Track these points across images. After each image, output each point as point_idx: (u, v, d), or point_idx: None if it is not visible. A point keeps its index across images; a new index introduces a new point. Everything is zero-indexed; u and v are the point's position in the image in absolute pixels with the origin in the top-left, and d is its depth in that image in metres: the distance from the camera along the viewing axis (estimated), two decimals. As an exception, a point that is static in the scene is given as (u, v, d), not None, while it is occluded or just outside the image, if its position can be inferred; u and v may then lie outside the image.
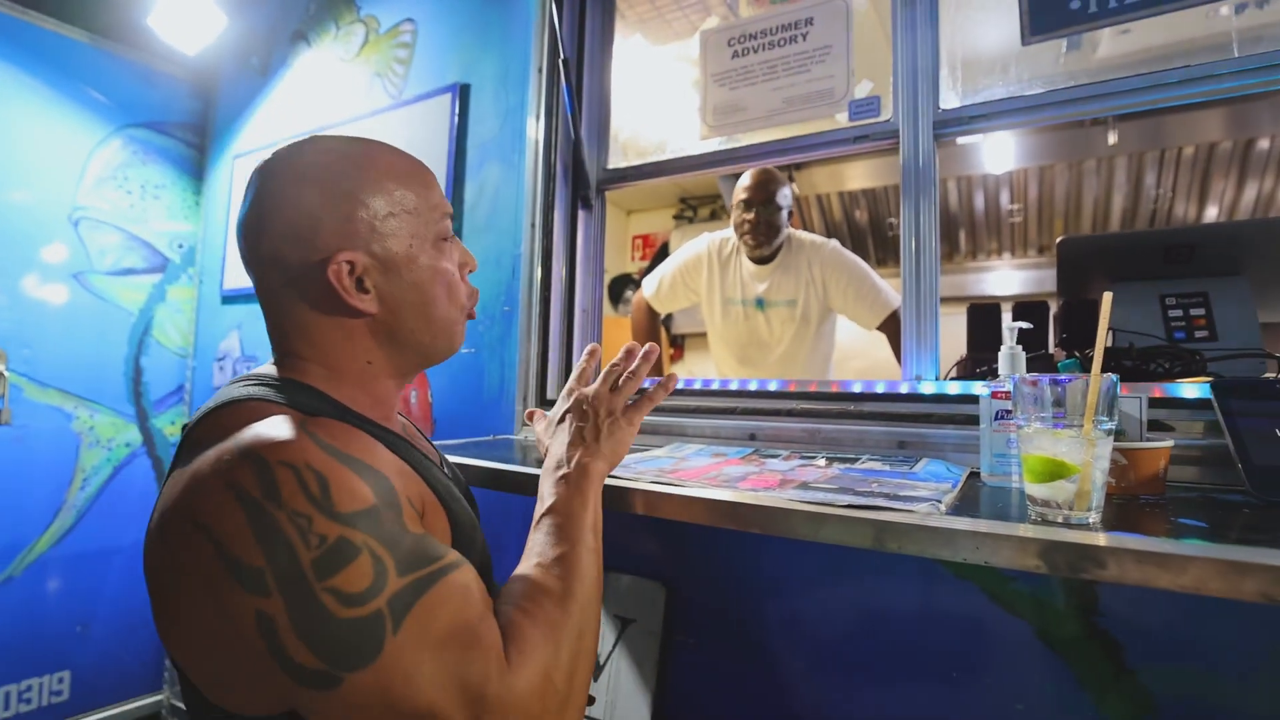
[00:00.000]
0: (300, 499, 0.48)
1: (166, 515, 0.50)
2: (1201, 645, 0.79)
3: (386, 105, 1.76)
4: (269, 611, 0.45)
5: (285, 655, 0.45)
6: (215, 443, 0.52)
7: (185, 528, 0.48)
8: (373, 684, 0.46)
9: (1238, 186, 1.98)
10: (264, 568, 0.45)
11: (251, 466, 0.48)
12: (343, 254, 0.61)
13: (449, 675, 0.48)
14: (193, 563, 0.47)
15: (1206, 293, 1.03)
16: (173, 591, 0.49)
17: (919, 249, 1.10)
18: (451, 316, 0.69)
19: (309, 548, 0.46)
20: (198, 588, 0.47)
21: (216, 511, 0.47)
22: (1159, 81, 0.95)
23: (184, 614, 0.49)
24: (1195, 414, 0.88)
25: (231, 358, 2.08)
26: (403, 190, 0.66)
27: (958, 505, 0.76)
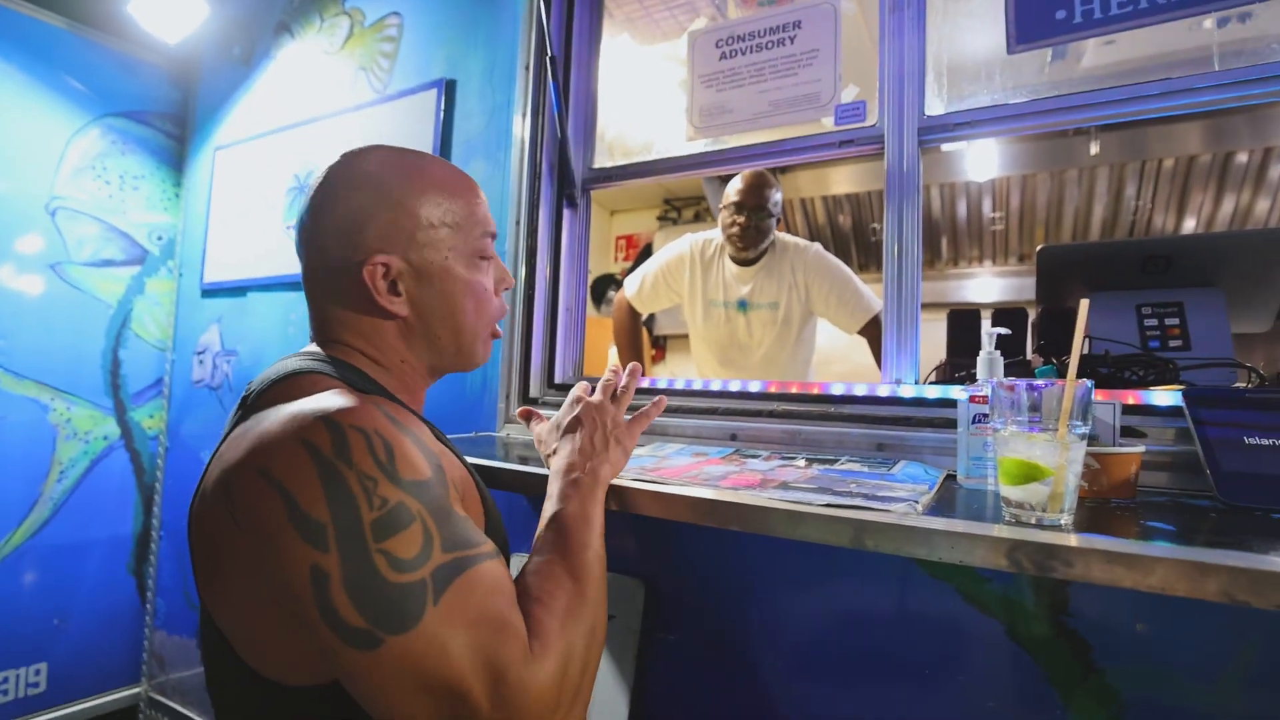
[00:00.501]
0: (369, 461, 0.50)
1: (230, 469, 0.51)
2: (1168, 645, 0.81)
3: (371, 100, 1.74)
4: (325, 566, 0.47)
5: (333, 611, 0.46)
6: (282, 406, 0.54)
7: (254, 480, 0.50)
8: (410, 650, 0.47)
9: (1215, 199, 2.02)
10: (327, 523, 0.47)
11: (326, 427, 0.51)
12: (380, 256, 0.66)
13: (479, 653, 0.49)
14: (258, 514, 0.49)
15: (1182, 303, 1.05)
16: (227, 546, 0.51)
17: (901, 254, 1.11)
18: (477, 331, 0.73)
19: (371, 508, 0.48)
20: (258, 541, 0.49)
21: (288, 466, 0.49)
22: (1140, 93, 0.97)
23: (237, 567, 0.51)
24: (1167, 421, 0.90)
25: (211, 351, 2.05)
26: (449, 203, 0.70)
27: (934, 506, 0.77)
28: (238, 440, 0.54)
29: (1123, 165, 2.03)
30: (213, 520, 0.52)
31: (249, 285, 1.96)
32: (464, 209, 0.71)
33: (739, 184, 1.73)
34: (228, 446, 0.55)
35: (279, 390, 0.59)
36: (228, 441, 0.56)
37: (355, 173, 0.68)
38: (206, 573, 0.54)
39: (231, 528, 0.51)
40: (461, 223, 0.71)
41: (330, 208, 0.67)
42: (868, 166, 2.27)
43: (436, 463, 0.57)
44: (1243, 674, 0.77)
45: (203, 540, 0.54)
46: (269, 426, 0.52)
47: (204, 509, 0.54)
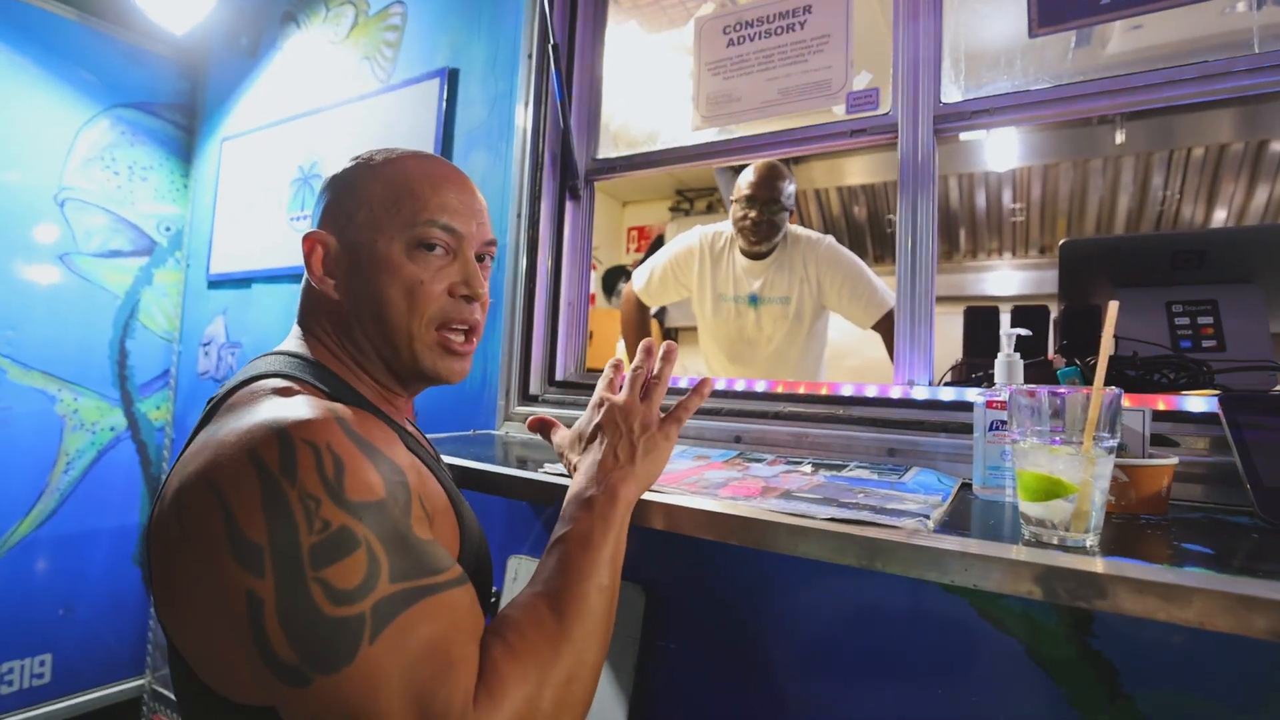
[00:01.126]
0: (314, 480, 0.47)
1: (185, 477, 0.49)
2: (1204, 673, 0.75)
3: (375, 89, 1.71)
4: (260, 593, 0.44)
5: (266, 643, 0.44)
6: (244, 412, 0.52)
7: (200, 491, 0.47)
8: (339, 692, 0.44)
9: (1248, 190, 1.93)
10: (264, 546, 0.44)
11: (277, 440, 0.48)
12: (320, 232, 0.66)
13: (413, 699, 0.44)
14: (201, 528, 0.46)
15: (1216, 300, 0.98)
16: (176, 557, 0.48)
17: (915, 248, 1.05)
18: (411, 329, 0.66)
19: (311, 531, 0.45)
20: (201, 556, 0.46)
21: (233, 480, 0.47)
22: (1173, 78, 0.90)
23: (183, 582, 0.47)
24: (1201, 429, 0.84)
25: (217, 343, 2.04)
26: (402, 186, 0.66)
27: (946, 520, 0.72)
28: (198, 447, 0.51)
29: (1149, 154, 1.94)
30: (165, 531, 0.50)
31: (254, 277, 1.95)
32: (418, 192, 0.66)
33: (750, 176, 1.68)
34: (188, 452, 0.52)
35: (245, 394, 0.56)
36: (189, 449, 0.53)
37: (350, 169, 0.69)
38: (160, 585, 0.51)
39: (180, 539, 0.48)
40: (406, 205, 0.65)
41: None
42: (883, 157, 2.20)
43: (398, 479, 0.53)
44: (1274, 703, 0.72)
45: (156, 549, 0.51)
46: (224, 436, 0.50)
47: (159, 519, 0.51)
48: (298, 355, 0.66)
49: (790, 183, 1.68)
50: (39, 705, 1.89)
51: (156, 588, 0.51)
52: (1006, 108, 1.00)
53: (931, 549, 0.62)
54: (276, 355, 0.66)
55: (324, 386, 0.61)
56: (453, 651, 0.47)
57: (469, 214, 0.68)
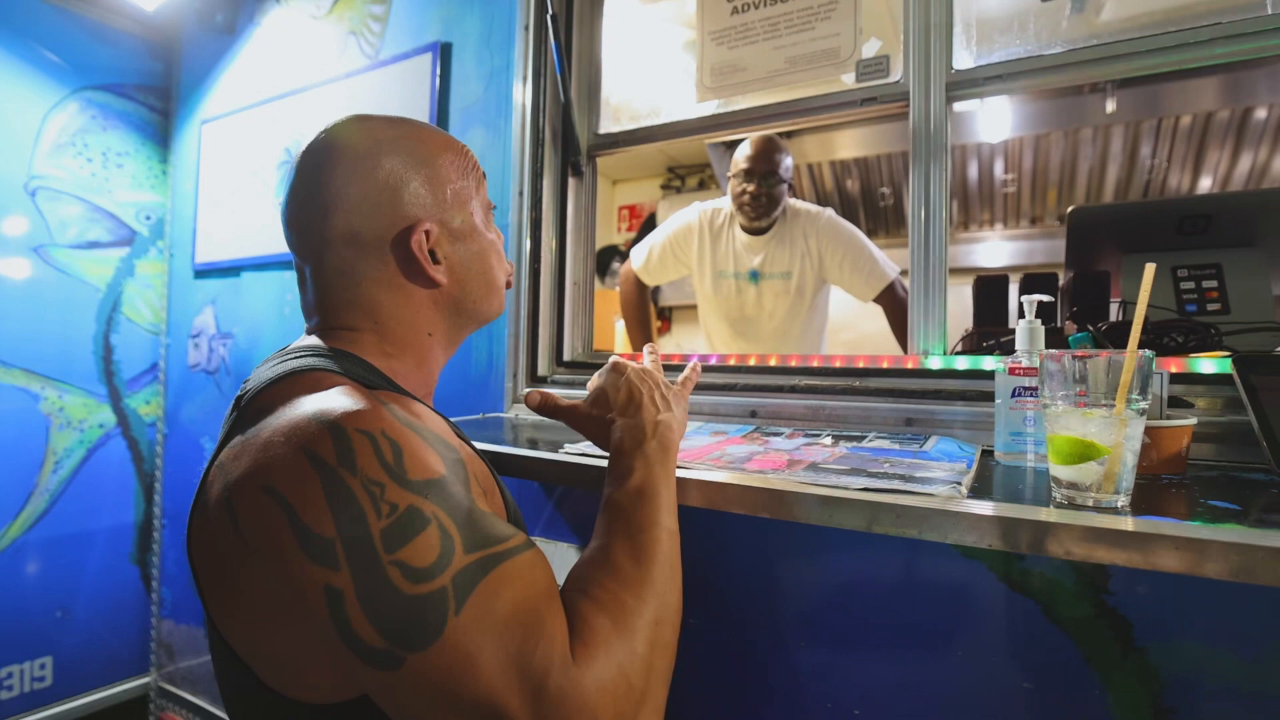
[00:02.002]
0: (375, 466, 0.46)
1: (232, 483, 0.48)
2: (1212, 624, 0.78)
3: (362, 66, 1.66)
4: (338, 585, 0.43)
5: (351, 632, 0.43)
6: (284, 410, 0.51)
7: (256, 495, 0.46)
8: (434, 667, 0.43)
9: (1233, 157, 1.96)
10: (334, 538, 0.44)
11: (329, 433, 0.47)
12: (423, 223, 0.63)
13: (512, 661, 0.44)
14: (262, 533, 0.45)
15: (1219, 264, 1.00)
16: (239, 567, 0.47)
17: (929, 218, 1.05)
18: (501, 283, 0.72)
19: (380, 516, 0.45)
20: (265, 560, 0.45)
21: (291, 478, 0.46)
22: (1186, 40, 0.90)
23: (251, 590, 0.47)
24: (1212, 389, 0.86)
25: (207, 334, 1.99)
26: (458, 159, 0.68)
27: (975, 487, 0.73)
28: (239, 451, 0.50)
29: (1138, 123, 1.96)
30: (219, 539, 0.48)
31: (242, 265, 1.90)
32: (467, 163, 0.69)
33: (747, 149, 1.66)
34: (229, 457, 0.50)
35: (277, 391, 0.54)
36: (227, 450, 0.51)
37: (357, 145, 0.63)
38: (216, 593, 0.50)
39: (240, 547, 0.47)
40: (470, 177, 0.69)
41: (345, 186, 0.62)
42: (875, 130, 2.20)
43: (454, 457, 0.54)
44: (1289, 650, 0.74)
45: (210, 559, 0.50)
46: (272, 436, 0.48)
47: (208, 527, 0.49)
48: (324, 349, 0.63)
49: (788, 155, 1.67)
50: (42, 708, 1.86)
51: (215, 602, 0.50)
52: (1020, 73, 1.00)
53: (970, 514, 0.63)
54: (302, 350, 0.63)
55: (355, 375, 0.59)
56: (540, 611, 0.47)
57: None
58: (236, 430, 0.53)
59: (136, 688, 2.05)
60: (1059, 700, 0.84)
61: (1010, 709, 0.86)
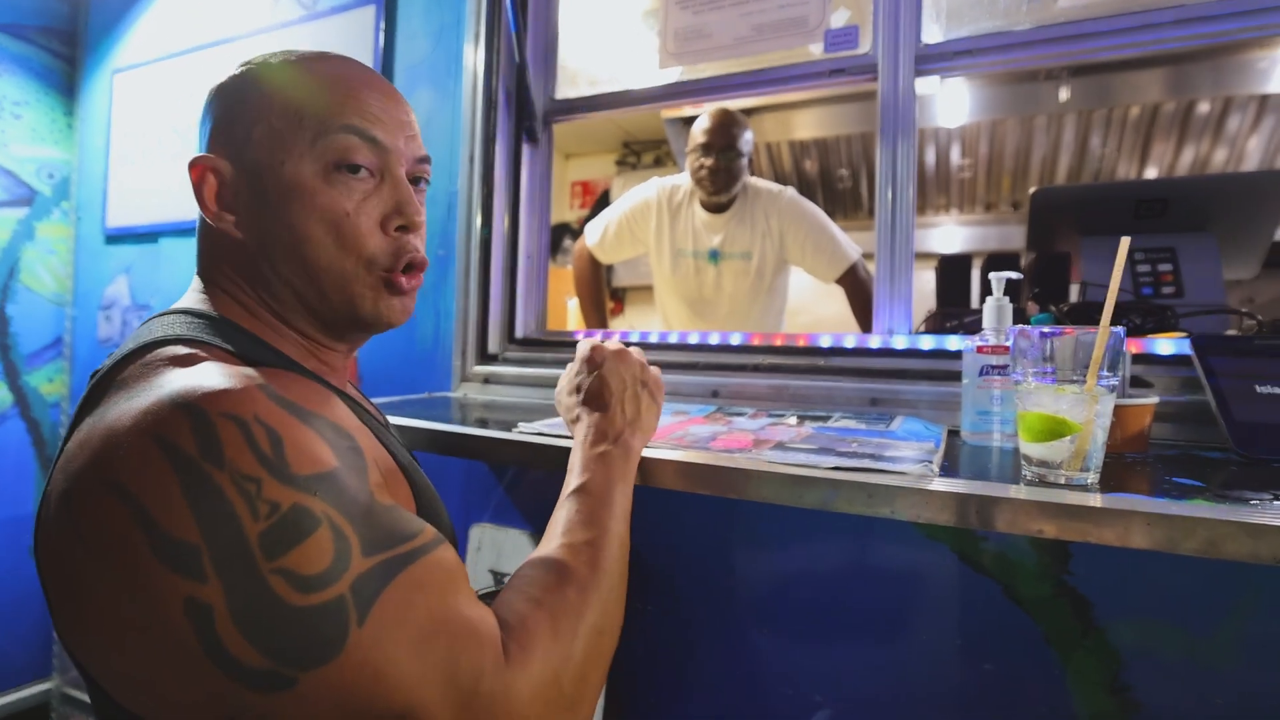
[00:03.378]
0: (248, 458, 0.39)
1: (72, 477, 0.40)
2: (1169, 602, 0.79)
3: (297, 17, 1.53)
4: (204, 599, 0.37)
5: (223, 652, 0.37)
6: (137, 390, 0.42)
7: (97, 491, 0.38)
8: (336, 683, 0.38)
9: (1176, 149, 2.03)
10: (199, 544, 0.37)
11: (187, 418, 0.39)
12: (205, 157, 0.54)
13: (433, 671, 0.41)
14: (106, 536, 0.38)
15: (1174, 248, 1.01)
16: (77, 573, 0.39)
17: (895, 197, 1.03)
18: (345, 269, 0.54)
19: (257, 518, 0.38)
20: (111, 568, 0.38)
21: (139, 472, 0.38)
22: (1153, 21, 0.90)
23: (95, 602, 0.39)
24: (1170, 370, 0.86)
25: (120, 306, 1.83)
26: (305, 93, 0.53)
27: (945, 466, 0.72)
28: (84, 437, 0.41)
29: (1090, 113, 2.01)
30: (59, 542, 0.40)
31: (161, 230, 1.75)
32: (330, 97, 0.53)
33: (706, 123, 1.61)
34: (72, 445, 0.42)
35: (137, 367, 0.45)
36: (72, 438, 0.43)
37: (236, 78, 0.57)
38: (62, 608, 0.41)
39: (82, 552, 0.39)
40: (309, 112, 0.52)
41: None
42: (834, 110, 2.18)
43: (348, 444, 0.46)
44: (1239, 629, 0.76)
45: (50, 563, 0.42)
46: (116, 419, 0.40)
47: (48, 527, 0.41)
48: (199, 313, 0.53)
49: (747, 129, 1.63)
50: (-75, 720, 1.70)
51: (58, 612, 0.41)
52: (990, 49, 0.98)
53: (943, 493, 0.61)
54: (172, 315, 0.53)
55: (234, 348, 0.50)
56: (463, 614, 0.43)
57: (394, 125, 0.55)
58: (84, 412, 0.44)
59: (37, 694, 1.88)
60: (1019, 680, 0.83)
61: (971, 690, 0.85)
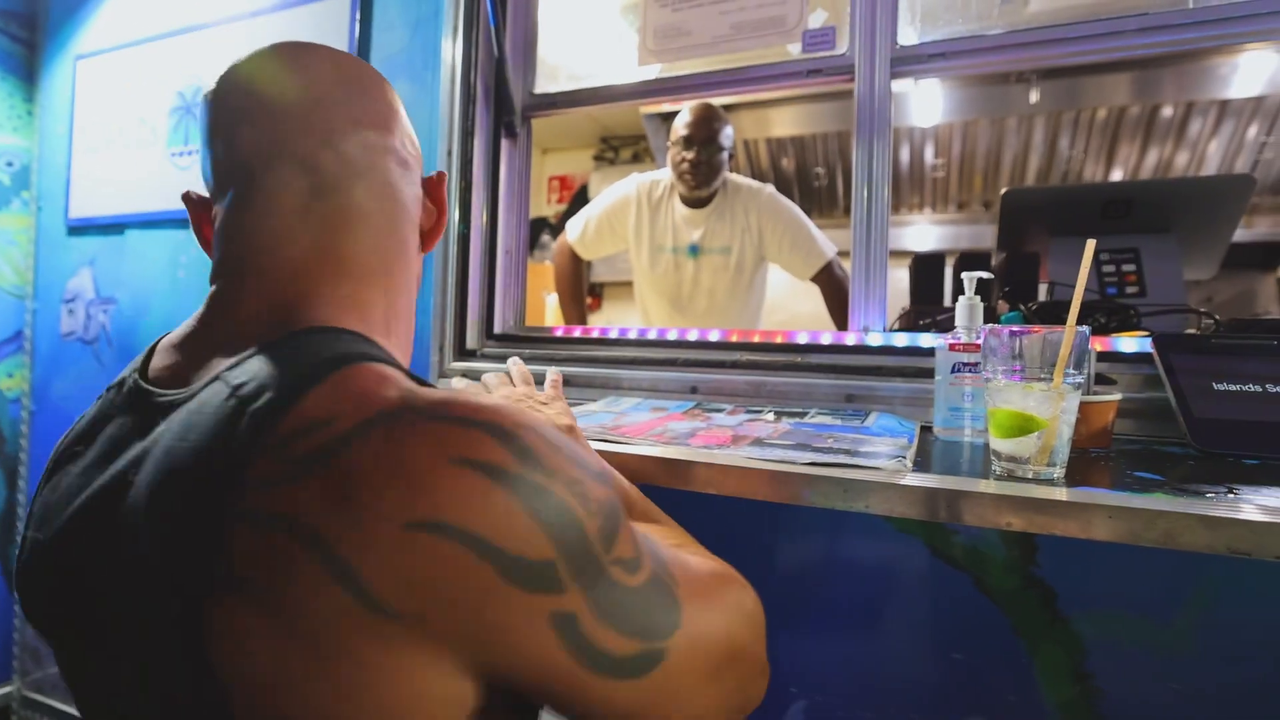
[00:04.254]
0: (563, 460, 0.38)
1: (362, 541, 0.33)
2: (1130, 593, 0.81)
3: (270, 5, 1.50)
4: (568, 608, 0.36)
5: (594, 650, 0.37)
6: (359, 421, 0.36)
7: (429, 545, 0.33)
8: (690, 639, 0.42)
9: (1141, 151, 2.08)
10: (553, 559, 0.35)
11: (490, 436, 0.36)
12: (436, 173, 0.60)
13: (730, 604, 0.47)
14: (451, 586, 0.33)
15: (1138, 249, 1.05)
16: (339, 638, 0.33)
17: (870, 196, 1.04)
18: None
19: (590, 515, 0.38)
20: (452, 614, 0.34)
21: (464, 503, 0.34)
22: (1120, 28, 0.92)
23: (377, 658, 0.34)
24: (1132, 368, 0.89)
25: (84, 299, 1.78)
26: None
27: (918, 461, 0.73)
28: (318, 499, 0.34)
29: (1059, 114, 2.05)
30: (308, 620, 0.33)
31: (127, 221, 1.70)
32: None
33: (687, 117, 1.62)
34: (294, 507, 0.34)
35: (336, 398, 0.38)
36: (271, 497, 0.35)
37: (342, 57, 0.53)
38: (256, 677, 0.34)
39: (370, 618, 0.33)
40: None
41: (354, 94, 0.52)
42: (811, 109, 2.21)
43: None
44: (1196, 617, 0.79)
45: (265, 647, 0.34)
46: (403, 462, 0.34)
47: (258, 615, 0.34)
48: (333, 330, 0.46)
49: (727, 124, 1.64)
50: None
51: (248, 685, 0.34)
52: (962, 52, 1.00)
53: (916, 487, 0.63)
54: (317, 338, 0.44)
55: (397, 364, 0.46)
56: (703, 554, 0.52)
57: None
58: (294, 468, 0.35)
59: (-4, 698, 1.83)
60: (988, 669, 0.86)
61: (942, 679, 0.88)
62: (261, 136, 0.49)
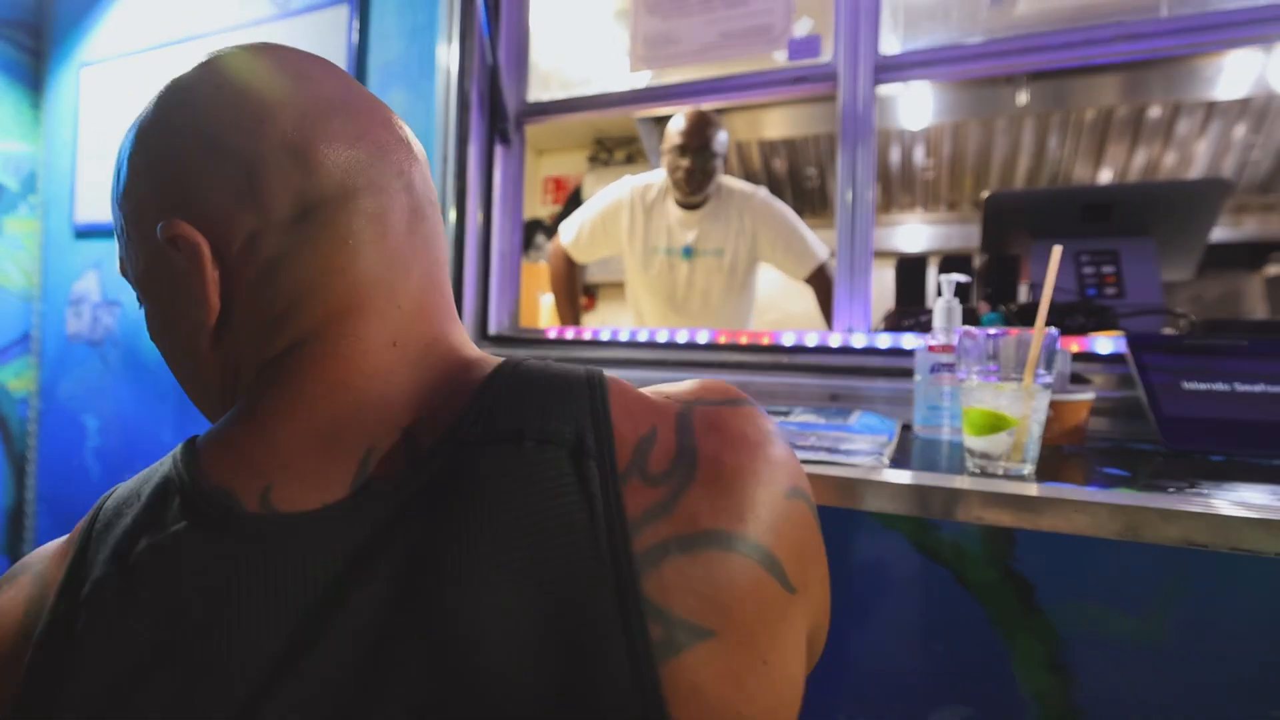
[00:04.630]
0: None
1: (784, 552, 0.34)
2: (1105, 585, 0.84)
3: (269, 15, 1.53)
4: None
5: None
6: (674, 426, 0.36)
7: (786, 506, 0.35)
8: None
9: (1129, 151, 2.10)
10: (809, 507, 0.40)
11: (754, 408, 0.40)
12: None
13: None
14: (808, 548, 0.37)
15: (1117, 251, 1.07)
16: (780, 618, 0.34)
17: (855, 200, 1.07)
18: None
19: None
20: (813, 602, 0.38)
21: (798, 469, 0.38)
22: (1095, 37, 0.95)
23: (780, 637, 0.34)
24: (1108, 368, 0.92)
25: (89, 301, 1.81)
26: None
27: (896, 458, 0.76)
28: (714, 491, 0.33)
29: (1047, 115, 2.07)
30: (754, 598, 0.33)
31: (130, 227, 1.73)
32: None
33: (681, 124, 1.63)
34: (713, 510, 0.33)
35: (629, 413, 0.36)
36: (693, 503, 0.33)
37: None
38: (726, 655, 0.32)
39: (785, 596, 0.34)
40: None
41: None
42: (803, 111, 2.23)
43: None
44: (1168, 608, 0.81)
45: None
46: (747, 444, 0.36)
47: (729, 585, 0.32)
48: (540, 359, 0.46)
49: (721, 130, 1.65)
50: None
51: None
52: (943, 60, 1.02)
53: (891, 484, 0.66)
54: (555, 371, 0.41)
55: None
56: None
57: None
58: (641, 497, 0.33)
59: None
60: (966, 660, 0.88)
61: (922, 671, 0.90)
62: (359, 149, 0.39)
